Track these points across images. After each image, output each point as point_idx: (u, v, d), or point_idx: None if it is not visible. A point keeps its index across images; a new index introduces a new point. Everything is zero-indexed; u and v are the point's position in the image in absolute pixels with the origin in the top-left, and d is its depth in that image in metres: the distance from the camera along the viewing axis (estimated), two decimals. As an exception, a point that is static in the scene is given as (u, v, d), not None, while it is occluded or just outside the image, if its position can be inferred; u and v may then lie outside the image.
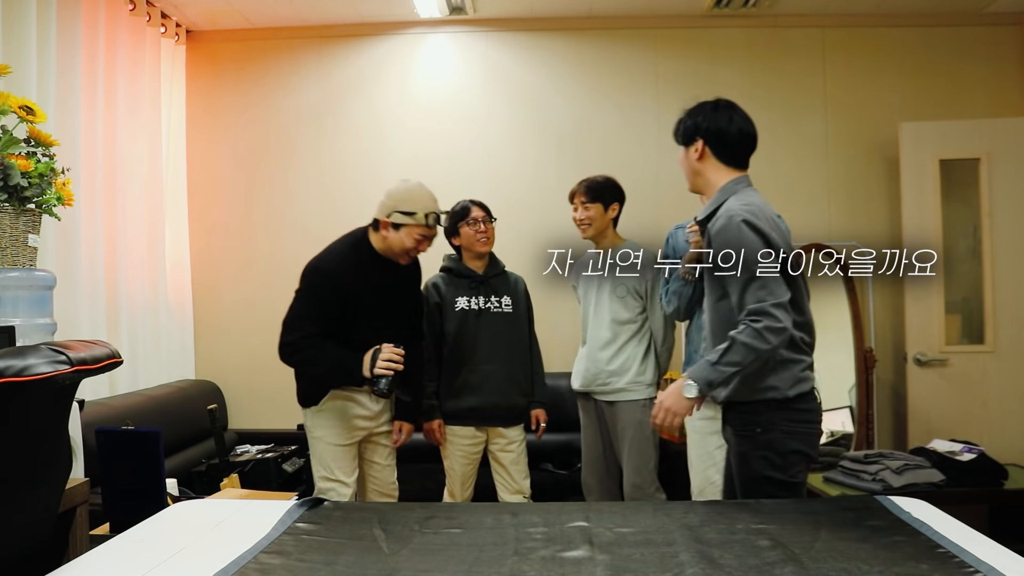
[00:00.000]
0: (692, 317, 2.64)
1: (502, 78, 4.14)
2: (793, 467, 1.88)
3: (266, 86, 4.18)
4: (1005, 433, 3.63)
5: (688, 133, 2.02)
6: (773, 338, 1.78)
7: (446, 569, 1.38)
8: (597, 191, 2.91)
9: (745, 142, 2.00)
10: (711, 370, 1.82)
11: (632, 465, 2.84)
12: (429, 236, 2.44)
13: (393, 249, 2.44)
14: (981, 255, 3.74)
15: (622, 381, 2.86)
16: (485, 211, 2.89)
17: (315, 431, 2.52)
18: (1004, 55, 4.03)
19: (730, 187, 1.96)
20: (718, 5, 3.88)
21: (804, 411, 1.89)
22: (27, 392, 1.31)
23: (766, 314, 1.78)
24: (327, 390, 2.50)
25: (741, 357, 1.79)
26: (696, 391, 1.83)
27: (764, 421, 1.87)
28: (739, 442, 1.93)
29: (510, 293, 2.91)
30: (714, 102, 2.01)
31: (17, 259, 1.91)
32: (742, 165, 2.01)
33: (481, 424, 2.83)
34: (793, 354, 1.87)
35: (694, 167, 2.03)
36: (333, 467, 2.50)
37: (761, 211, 1.89)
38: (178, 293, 4.00)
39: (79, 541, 1.90)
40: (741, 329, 1.80)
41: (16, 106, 1.91)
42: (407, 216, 2.39)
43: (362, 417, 2.53)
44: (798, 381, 1.88)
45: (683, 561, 1.38)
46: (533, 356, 2.98)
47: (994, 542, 1.46)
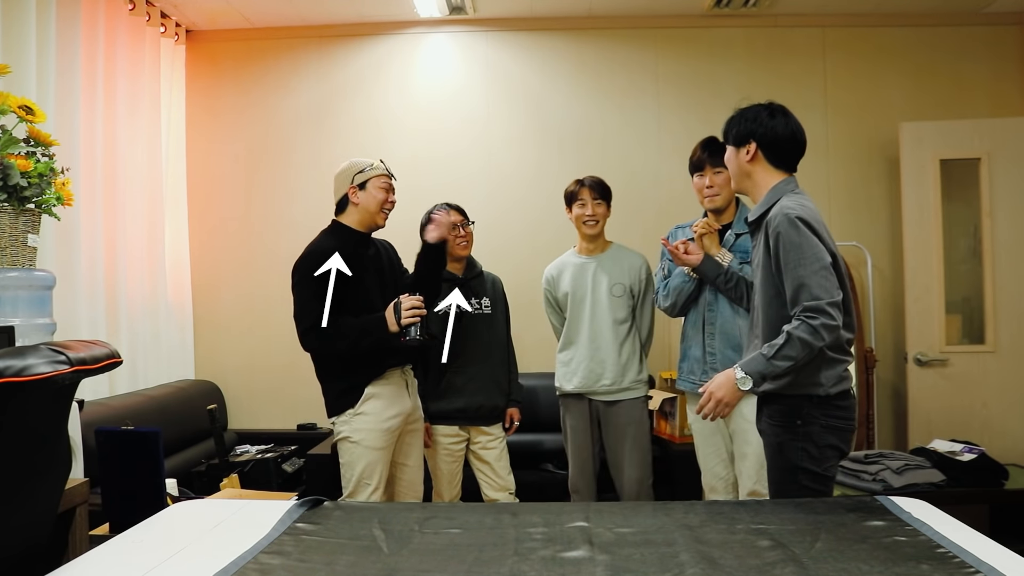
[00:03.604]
0: (687, 314, 2.66)
1: (502, 78, 4.14)
2: (828, 461, 1.91)
3: (266, 86, 4.18)
4: (1005, 433, 3.63)
5: (741, 135, 2.04)
6: (828, 335, 1.82)
7: (446, 569, 1.37)
8: (604, 189, 2.94)
9: (797, 146, 2.04)
10: (766, 364, 1.86)
11: (635, 461, 2.88)
12: (391, 187, 2.54)
13: (370, 208, 2.50)
14: (981, 255, 3.74)
15: (625, 380, 2.89)
16: (462, 215, 2.90)
17: (354, 436, 2.47)
18: (1004, 55, 4.03)
19: (781, 187, 2.00)
20: (718, 5, 3.88)
21: (843, 408, 1.93)
22: (27, 392, 1.31)
23: (822, 311, 1.82)
24: (363, 389, 2.47)
25: (796, 352, 1.83)
26: (751, 384, 1.88)
27: (805, 415, 1.90)
28: (777, 433, 1.95)
29: (488, 294, 2.94)
30: (768, 106, 2.04)
31: (17, 259, 1.91)
32: (791, 168, 2.05)
33: (465, 424, 2.88)
34: (838, 354, 1.91)
35: (744, 168, 2.06)
36: (371, 472, 2.47)
37: (814, 212, 1.93)
38: (178, 293, 4.00)
39: (79, 541, 1.90)
40: (796, 325, 1.84)
41: (16, 106, 1.91)
42: (366, 172, 2.51)
43: (395, 416, 2.52)
44: (840, 379, 1.92)
45: (683, 561, 1.38)
46: (510, 355, 3.04)
47: (994, 542, 1.46)
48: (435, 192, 3.41)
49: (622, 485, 2.91)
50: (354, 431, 2.48)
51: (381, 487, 2.49)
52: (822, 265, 1.85)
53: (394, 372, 2.54)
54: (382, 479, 2.50)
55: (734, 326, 2.53)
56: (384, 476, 2.51)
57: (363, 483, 2.47)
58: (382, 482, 2.50)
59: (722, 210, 2.62)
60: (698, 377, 2.58)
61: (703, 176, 2.61)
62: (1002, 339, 3.70)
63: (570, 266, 3.00)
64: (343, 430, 2.50)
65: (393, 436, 2.52)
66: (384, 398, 2.50)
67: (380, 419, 2.48)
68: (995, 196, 3.71)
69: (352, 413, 2.48)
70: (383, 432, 2.48)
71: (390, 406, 2.51)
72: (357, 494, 2.47)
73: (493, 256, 3.14)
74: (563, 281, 2.99)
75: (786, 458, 1.92)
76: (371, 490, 2.47)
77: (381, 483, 2.49)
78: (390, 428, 2.50)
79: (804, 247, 1.85)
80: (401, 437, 2.59)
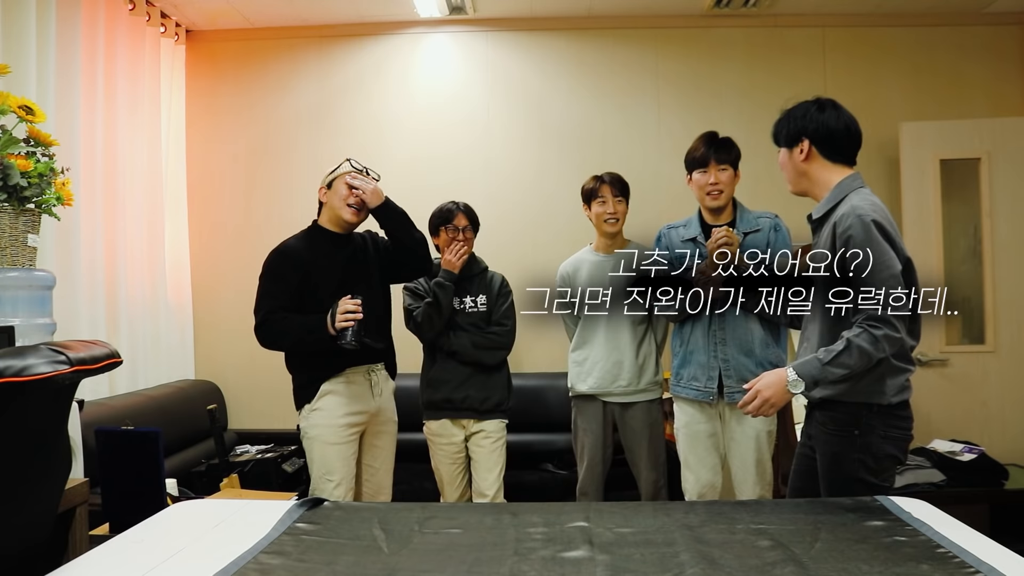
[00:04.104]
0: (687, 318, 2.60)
1: (502, 78, 4.14)
2: (886, 471, 1.86)
3: (266, 86, 4.18)
4: (1005, 433, 3.63)
5: (792, 135, 1.97)
6: (889, 347, 1.76)
7: (446, 569, 1.37)
8: (624, 186, 2.89)
9: (852, 138, 1.94)
10: (821, 369, 1.79)
11: (650, 463, 2.86)
12: (356, 182, 2.49)
13: (334, 205, 2.51)
14: (981, 255, 3.74)
15: (642, 381, 2.86)
16: (469, 219, 2.87)
17: (310, 431, 2.52)
18: (1004, 55, 4.03)
19: (847, 184, 1.91)
20: (718, 5, 3.88)
21: (902, 417, 1.87)
22: (27, 392, 1.31)
23: (886, 322, 1.75)
24: (319, 385, 2.49)
25: (854, 361, 1.76)
26: (802, 387, 1.81)
27: (864, 424, 1.83)
28: (832, 442, 1.89)
29: (485, 291, 2.90)
30: (816, 101, 1.96)
31: (17, 259, 1.90)
32: (851, 162, 1.96)
33: (455, 415, 2.84)
34: (902, 363, 1.85)
35: (799, 168, 1.98)
36: (329, 468, 2.49)
37: (885, 213, 1.84)
38: (178, 293, 4.00)
39: (79, 541, 1.90)
40: (858, 333, 1.76)
41: (16, 106, 1.91)
42: (334, 173, 2.55)
43: (357, 413, 2.53)
44: (902, 389, 1.85)
45: (683, 561, 1.38)
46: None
47: (994, 542, 1.46)
48: (435, 192, 3.40)
49: (642, 486, 2.90)
50: (310, 426, 2.51)
51: (344, 484, 2.49)
52: (891, 274, 1.77)
53: (357, 370, 2.53)
54: (345, 477, 2.50)
55: (746, 330, 2.49)
56: (347, 474, 2.51)
57: (324, 478, 2.49)
58: (345, 480, 2.50)
59: (723, 208, 2.59)
60: (702, 384, 2.54)
61: (706, 173, 2.53)
62: (1002, 339, 3.70)
63: (587, 263, 2.95)
64: (303, 425, 2.54)
65: (351, 433, 2.52)
66: (341, 396, 2.50)
67: (334, 415, 2.49)
68: (995, 196, 3.71)
69: (309, 408, 2.52)
70: (337, 428, 2.49)
71: (347, 404, 2.51)
72: (319, 489, 2.47)
73: (493, 256, 3.13)
74: (580, 278, 2.93)
75: (843, 469, 1.86)
76: (333, 486, 2.47)
77: (344, 481, 2.49)
78: (346, 424, 2.50)
79: (875, 253, 1.76)
80: (366, 439, 2.59)
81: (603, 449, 2.92)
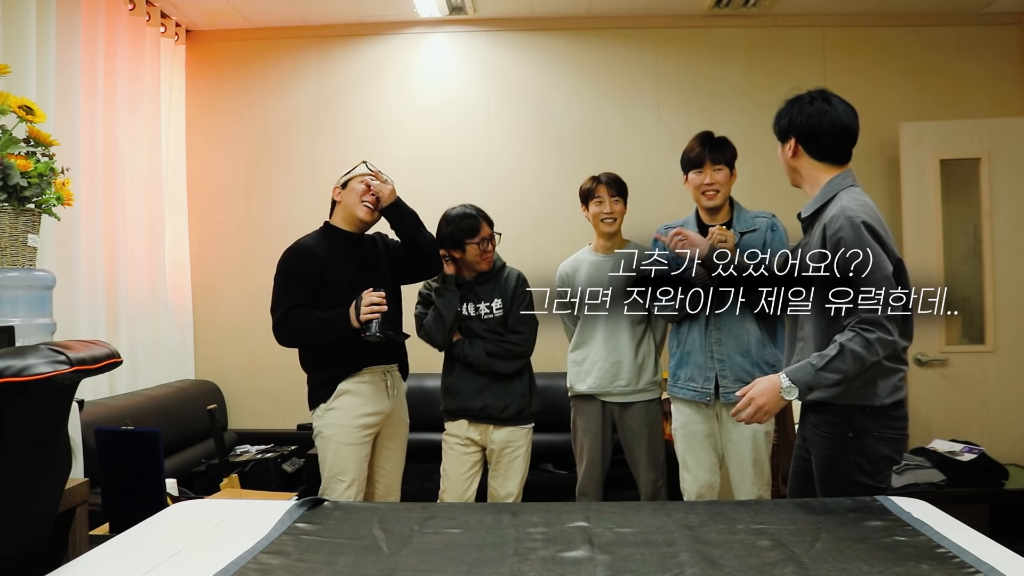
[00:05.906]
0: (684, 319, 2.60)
1: (502, 78, 4.14)
2: (881, 472, 1.85)
3: (266, 86, 4.18)
4: (1005, 433, 3.63)
5: (783, 130, 1.96)
6: (882, 350, 1.75)
7: (446, 569, 1.37)
8: (621, 186, 2.89)
9: (839, 137, 1.90)
10: (814, 375, 1.77)
11: (649, 462, 2.86)
12: (369, 183, 2.53)
13: (349, 204, 2.53)
14: (981, 255, 3.74)
15: (641, 382, 2.86)
16: (489, 223, 2.80)
17: (325, 431, 2.50)
18: (1004, 55, 4.03)
19: (836, 183, 1.89)
20: (718, 5, 3.88)
21: (897, 418, 1.85)
22: (27, 392, 1.31)
23: (879, 325, 1.74)
24: (337, 383, 2.49)
25: (847, 365, 1.75)
26: (796, 394, 1.80)
27: (857, 426, 1.82)
28: (826, 444, 1.88)
29: (501, 295, 2.79)
30: (809, 95, 1.92)
31: (17, 259, 1.91)
32: (840, 161, 1.92)
33: (472, 420, 2.75)
34: (895, 364, 1.84)
35: (790, 164, 1.98)
36: (342, 468, 2.47)
37: (876, 213, 1.82)
38: (178, 293, 4.00)
39: (79, 541, 1.90)
40: (851, 336, 1.75)
41: (16, 106, 1.91)
42: (350, 174, 2.58)
43: (372, 414, 2.52)
44: (896, 390, 1.84)
45: (683, 561, 1.38)
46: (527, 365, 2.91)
47: (994, 542, 1.46)
48: (435, 192, 3.41)
49: (641, 486, 2.90)
50: (326, 426, 2.51)
51: (356, 485, 2.49)
52: (883, 275, 1.75)
53: (374, 371, 2.54)
54: (357, 477, 2.49)
55: (742, 330, 2.49)
56: (360, 474, 2.50)
57: (336, 478, 2.48)
58: (357, 480, 2.49)
59: (720, 208, 2.59)
60: (699, 385, 2.54)
61: (701, 173, 2.54)
62: (1002, 339, 3.70)
63: (586, 263, 2.95)
64: (317, 424, 2.54)
65: (366, 435, 2.52)
66: (359, 396, 2.51)
67: (351, 415, 2.49)
68: (995, 196, 3.71)
69: (325, 408, 2.51)
70: (353, 428, 2.49)
71: (364, 404, 2.51)
72: (330, 489, 2.47)
73: (492, 256, 3.14)
74: (579, 278, 2.93)
75: (838, 472, 1.85)
76: (344, 486, 2.46)
77: (356, 481, 2.49)
78: (363, 425, 2.50)
79: (866, 255, 1.75)
80: (379, 441, 2.59)
81: (602, 449, 2.92)
